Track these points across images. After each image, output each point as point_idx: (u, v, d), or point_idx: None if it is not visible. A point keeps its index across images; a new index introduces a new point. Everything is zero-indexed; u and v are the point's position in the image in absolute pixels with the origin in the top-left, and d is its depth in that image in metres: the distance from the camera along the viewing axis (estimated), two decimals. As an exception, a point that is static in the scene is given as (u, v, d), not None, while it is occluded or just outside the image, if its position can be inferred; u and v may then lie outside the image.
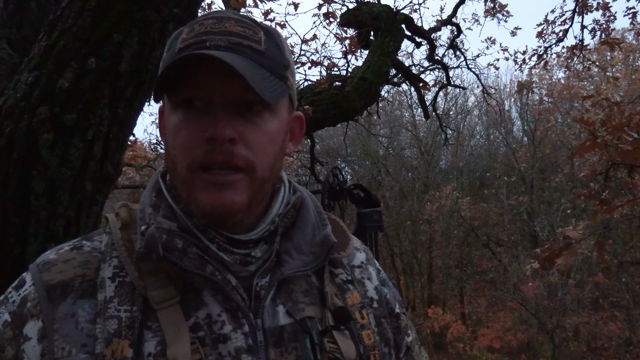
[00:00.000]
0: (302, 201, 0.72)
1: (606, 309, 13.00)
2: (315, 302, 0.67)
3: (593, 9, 6.13)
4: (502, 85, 17.55)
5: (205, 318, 0.60)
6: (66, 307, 0.58)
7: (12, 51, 1.56)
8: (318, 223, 0.70)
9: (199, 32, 0.60)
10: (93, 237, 0.67)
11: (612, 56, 14.09)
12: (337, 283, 0.71)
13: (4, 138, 1.25)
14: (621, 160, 3.62)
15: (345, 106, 3.98)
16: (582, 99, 11.72)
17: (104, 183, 1.40)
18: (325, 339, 0.64)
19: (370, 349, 0.67)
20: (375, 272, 0.78)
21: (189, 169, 0.60)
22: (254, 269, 0.65)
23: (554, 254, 3.19)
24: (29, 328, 0.58)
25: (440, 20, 6.56)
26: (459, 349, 13.82)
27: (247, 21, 0.63)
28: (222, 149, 0.58)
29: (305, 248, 0.68)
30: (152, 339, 0.57)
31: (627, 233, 11.80)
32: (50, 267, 0.61)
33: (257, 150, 0.61)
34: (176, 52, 0.61)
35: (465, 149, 17.04)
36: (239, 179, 0.60)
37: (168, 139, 0.63)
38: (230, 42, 0.59)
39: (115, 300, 0.59)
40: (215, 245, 0.62)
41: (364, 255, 0.79)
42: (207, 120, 0.58)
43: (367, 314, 0.70)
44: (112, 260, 0.62)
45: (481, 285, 16.24)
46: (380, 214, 3.10)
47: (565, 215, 13.86)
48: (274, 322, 0.63)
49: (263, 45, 0.62)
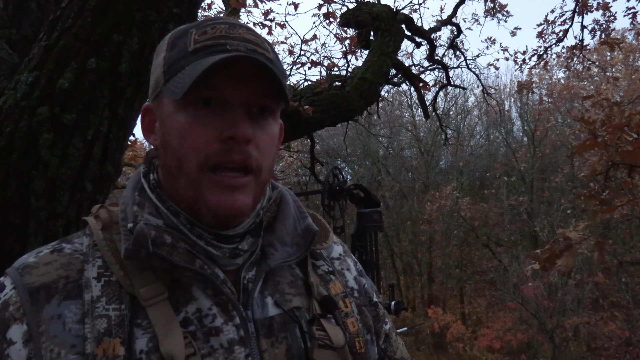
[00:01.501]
0: (282, 196, 0.74)
1: (606, 309, 13.01)
2: (301, 293, 0.70)
3: (593, 9, 6.14)
4: (502, 85, 17.56)
5: (195, 312, 0.60)
6: (51, 309, 0.58)
7: (12, 51, 1.56)
8: (298, 216, 0.73)
9: (215, 35, 0.61)
10: (72, 239, 0.66)
11: (612, 56, 14.09)
12: (319, 274, 0.74)
13: (4, 138, 1.25)
14: (621, 160, 3.62)
15: (345, 106, 3.98)
16: (582, 99, 11.72)
17: (104, 183, 1.40)
18: (314, 327, 0.66)
19: (355, 336, 0.70)
20: (353, 264, 0.82)
21: (200, 168, 0.60)
22: (241, 262, 0.66)
23: (554, 255, 3.20)
24: (13, 332, 0.57)
25: (440, 20, 6.56)
26: (459, 349, 13.82)
27: (254, 31, 0.65)
28: (239, 148, 0.60)
29: (288, 240, 0.70)
30: (143, 336, 0.57)
31: (627, 233, 11.80)
32: (31, 270, 0.61)
33: (264, 152, 0.63)
34: (190, 52, 0.61)
35: (465, 149, 17.05)
36: (249, 181, 0.62)
37: (171, 138, 0.62)
38: (248, 49, 0.61)
39: (102, 300, 0.58)
40: (202, 242, 0.63)
41: (341, 247, 0.82)
42: (223, 120, 0.60)
43: (350, 303, 0.73)
44: (95, 261, 0.62)
45: (481, 285, 16.24)
46: (380, 214, 3.10)
47: (565, 215, 13.87)
48: (263, 313, 0.64)
49: (272, 54, 0.64)
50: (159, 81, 0.64)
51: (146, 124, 0.69)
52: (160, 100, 0.65)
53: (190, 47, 0.61)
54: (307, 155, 6.77)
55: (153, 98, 0.67)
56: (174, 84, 0.60)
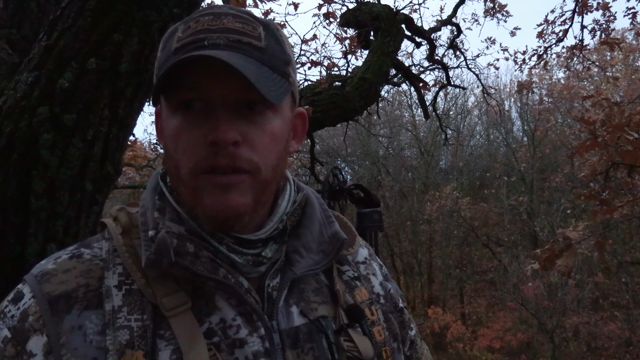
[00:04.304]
0: (308, 199, 0.71)
1: (606, 309, 13.01)
2: (327, 301, 0.66)
3: (593, 9, 6.13)
4: (502, 85, 17.57)
5: (219, 323, 0.58)
6: (72, 319, 0.55)
7: (12, 51, 1.56)
8: (324, 220, 0.69)
9: (195, 30, 0.58)
10: (91, 244, 0.64)
11: (612, 56, 14.09)
12: (344, 280, 0.70)
13: (4, 138, 1.25)
14: (621, 160, 3.62)
15: (345, 106, 3.97)
16: (582, 99, 11.71)
17: (104, 183, 1.40)
18: (342, 337, 0.63)
19: (382, 345, 0.67)
20: (378, 268, 0.78)
21: (192, 173, 0.58)
22: (264, 269, 0.64)
23: (554, 255, 3.20)
24: (33, 344, 0.55)
25: (440, 20, 6.56)
26: (459, 349, 13.82)
27: (246, 16, 0.60)
28: (225, 152, 0.56)
29: (314, 246, 0.66)
30: (166, 348, 0.55)
31: (627, 233, 11.79)
32: (50, 277, 0.58)
33: (260, 151, 0.59)
34: (172, 52, 0.58)
35: (465, 149, 17.05)
36: (242, 179, 0.58)
37: (168, 143, 0.60)
38: (229, 40, 0.57)
39: (124, 310, 0.56)
40: (224, 247, 0.61)
41: (366, 251, 0.78)
42: (208, 123, 0.56)
43: (376, 310, 0.70)
44: (116, 268, 0.60)
45: (481, 285, 16.24)
46: (380, 214, 3.09)
47: (565, 215, 13.87)
48: (288, 323, 0.61)
49: (263, 41, 0.59)
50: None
51: (159, 127, 0.66)
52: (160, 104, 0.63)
53: (173, 46, 0.58)
54: (307, 155, 6.77)
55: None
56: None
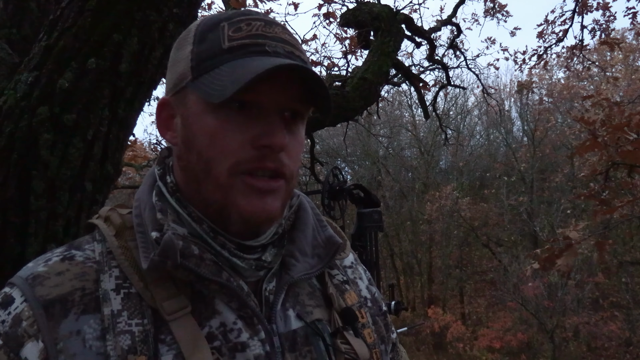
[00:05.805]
0: (301, 203, 0.71)
1: (606, 309, 13.01)
2: (321, 304, 0.67)
3: (593, 9, 6.14)
4: (502, 85, 17.57)
5: (220, 327, 0.58)
6: (69, 324, 0.53)
7: (12, 51, 1.56)
8: (317, 225, 0.70)
9: (251, 34, 0.58)
10: (82, 245, 0.62)
11: (612, 56, 14.09)
12: (335, 284, 0.71)
13: (4, 138, 1.25)
14: (621, 160, 3.62)
15: (345, 106, 3.97)
16: (582, 99, 11.71)
17: (104, 183, 1.40)
18: (338, 340, 0.64)
19: (372, 347, 0.67)
20: (363, 272, 0.79)
21: (230, 172, 0.57)
22: (263, 273, 0.64)
23: (554, 255, 3.20)
24: (28, 350, 0.52)
25: (440, 20, 6.56)
26: (459, 349, 13.82)
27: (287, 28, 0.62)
28: (273, 156, 0.57)
29: (309, 250, 0.67)
30: (168, 353, 0.54)
31: (627, 233, 11.80)
32: (43, 280, 0.56)
33: (294, 159, 0.61)
34: (226, 49, 0.57)
35: (465, 149, 17.05)
36: (280, 185, 0.59)
37: (199, 140, 0.58)
38: (286, 50, 0.58)
39: (124, 314, 0.55)
40: (226, 252, 0.60)
41: (352, 255, 0.80)
42: (261, 126, 0.57)
43: (365, 313, 0.71)
44: (112, 271, 0.58)
45: (481, 285, 16.24)
46: (380, 214, 3.09)
47: (565, 215, 13.87)
48: (286, 326, 0.62)
49: (304, 53, 0.61)
50: (184, 76, 0.59)
51: (163, 119, 0.64)
52: (184, 96, 0.60)
53: (225, 44, 0.57)
54: (307, 155, 6.77)
55: (174, 92, 0.61)
56: (207, 83, 0.56)
